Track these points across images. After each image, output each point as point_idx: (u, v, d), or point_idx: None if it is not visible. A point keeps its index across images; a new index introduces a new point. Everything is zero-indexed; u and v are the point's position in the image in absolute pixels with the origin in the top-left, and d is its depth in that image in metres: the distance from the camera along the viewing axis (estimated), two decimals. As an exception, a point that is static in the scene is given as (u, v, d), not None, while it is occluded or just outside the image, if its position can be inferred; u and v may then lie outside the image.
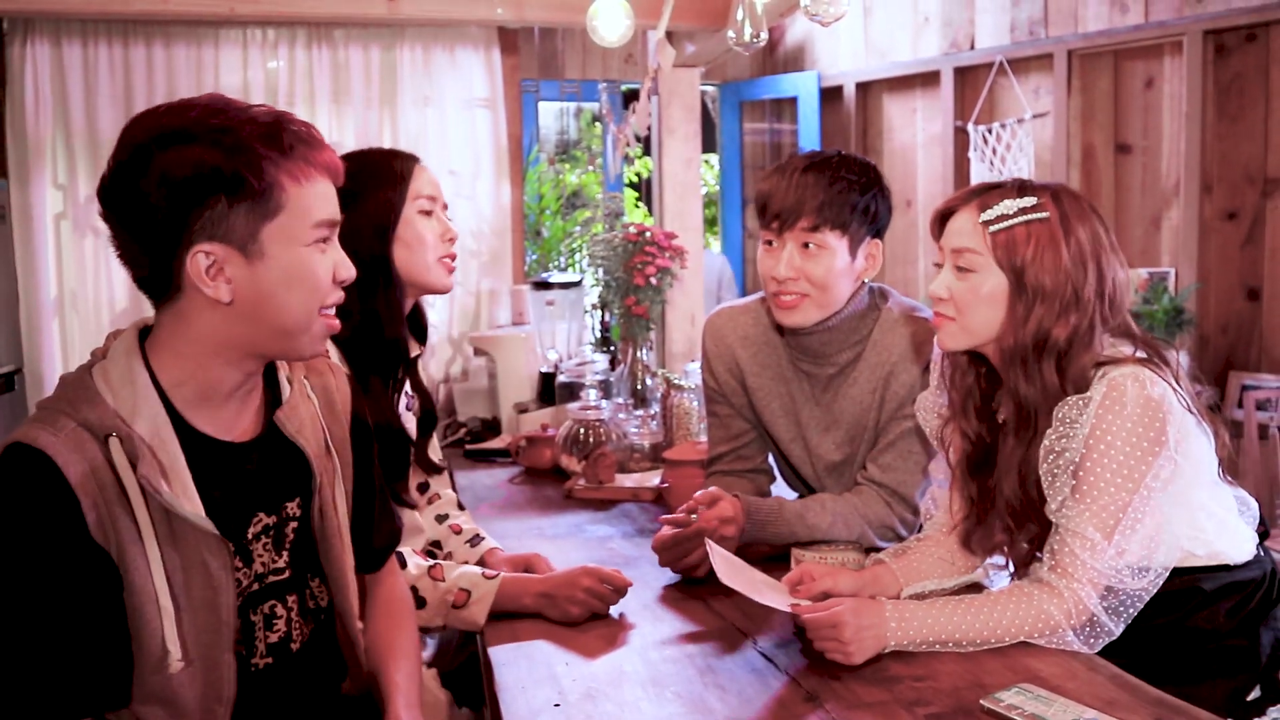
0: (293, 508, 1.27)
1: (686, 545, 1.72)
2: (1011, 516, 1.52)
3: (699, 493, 1.78)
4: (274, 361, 1.26)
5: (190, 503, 1.13)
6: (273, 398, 1.27)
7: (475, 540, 1.89)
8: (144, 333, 1.19)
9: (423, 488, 1.95)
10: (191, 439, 1.16)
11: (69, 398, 1.12)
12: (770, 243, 1.80)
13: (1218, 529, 1.53)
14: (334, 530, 1.30)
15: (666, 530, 1.75)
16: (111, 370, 1.14)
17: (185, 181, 1.08)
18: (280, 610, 1.26)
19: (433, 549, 1.90)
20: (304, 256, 1.15)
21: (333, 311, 1.21)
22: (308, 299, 1.16)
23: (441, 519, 1.94)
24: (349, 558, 1.33)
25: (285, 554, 1.26)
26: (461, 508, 2.00)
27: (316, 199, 1.16)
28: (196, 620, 1.14)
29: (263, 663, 1.24)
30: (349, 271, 1.21)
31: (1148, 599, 1.44)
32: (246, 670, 1.22)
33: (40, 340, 3.66)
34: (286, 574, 1.27)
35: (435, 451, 1.99)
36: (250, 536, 1.22)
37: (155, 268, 1.13)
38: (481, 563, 1.82)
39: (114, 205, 1.12)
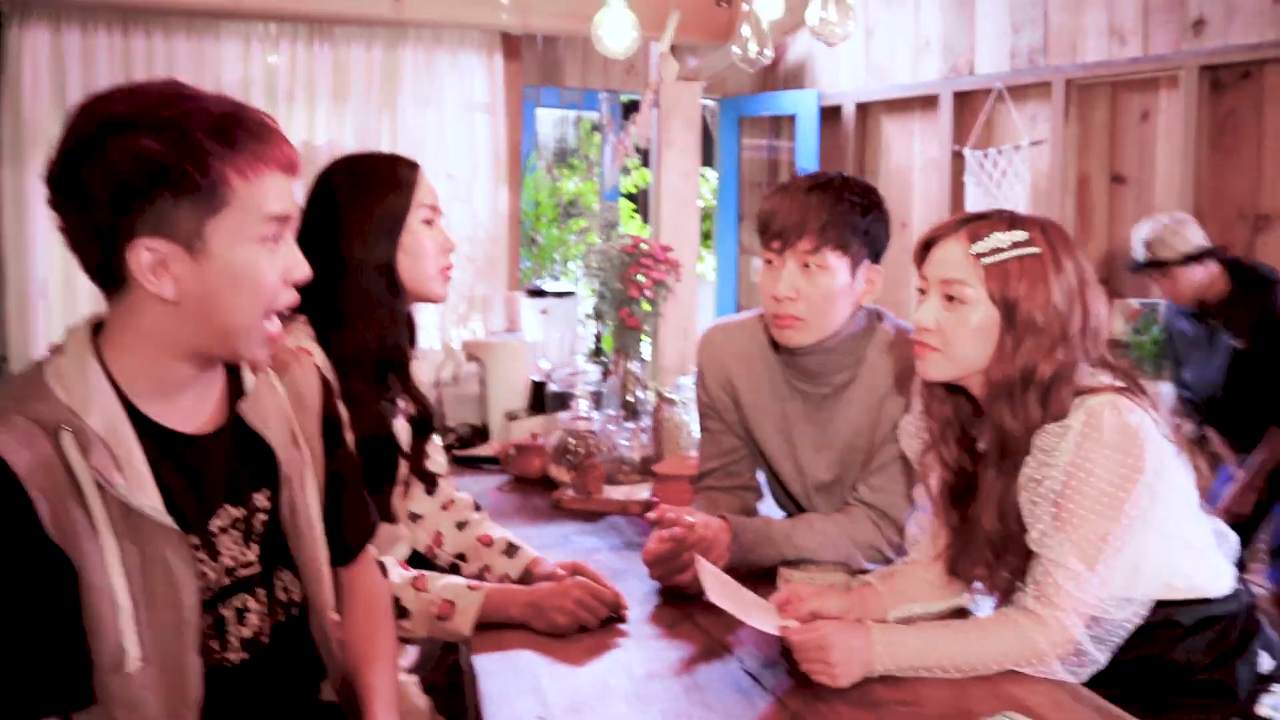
0: (261, 499, 1.24)
1: (679, 560, 1.72)
2: (991, 549, 1.51)
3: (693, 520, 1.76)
4: None
5: (147, 495, 1.10)
6: (236, 388, 1.24)
7: (511, 550, 1.83)
8: (99, 327, 1.16)
9: (431, 489, 1.91)
10: (149, 431, 1.13)
11: (17, 394, 1.10)
12: (770, 261, 1.81)
13: (1195, 561, 1.54)
14: (305, 523, 1.28)
15: (656, 543, 1.75)
16: (64, 365, 1.11)
17: (128, 174, 1.05)
18: (252, 604, 1.23)
19: (458, 561, 1.86)
20: (250, 254, 1.12)
21: (275, 321, 1.17)
22: (253, 299, 1.13)
23: (462, 526, 1.90)
24: (321, 551, 1.31)
25: (256, 547, 1.24)
26: (478, 509, 1.95)
27: (266, 194, 1.12)
28: (157, 618, 1.11)
29: (236, 658, 1.21)
30: (303, 271, 1.18)
31: (1132, 629, 1.44)
32: (220, 668, 1.19)
33: (27, 327, 3.64)
34: (257, 568, 1.24)
35: (438, 453, 1.94)
36: (215, 530, 1.19)
37: (100, 260, 1.10)
38: (525, 575, 1.77)
39: (59, 193, 1.09)
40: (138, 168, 1.05)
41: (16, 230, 3.66)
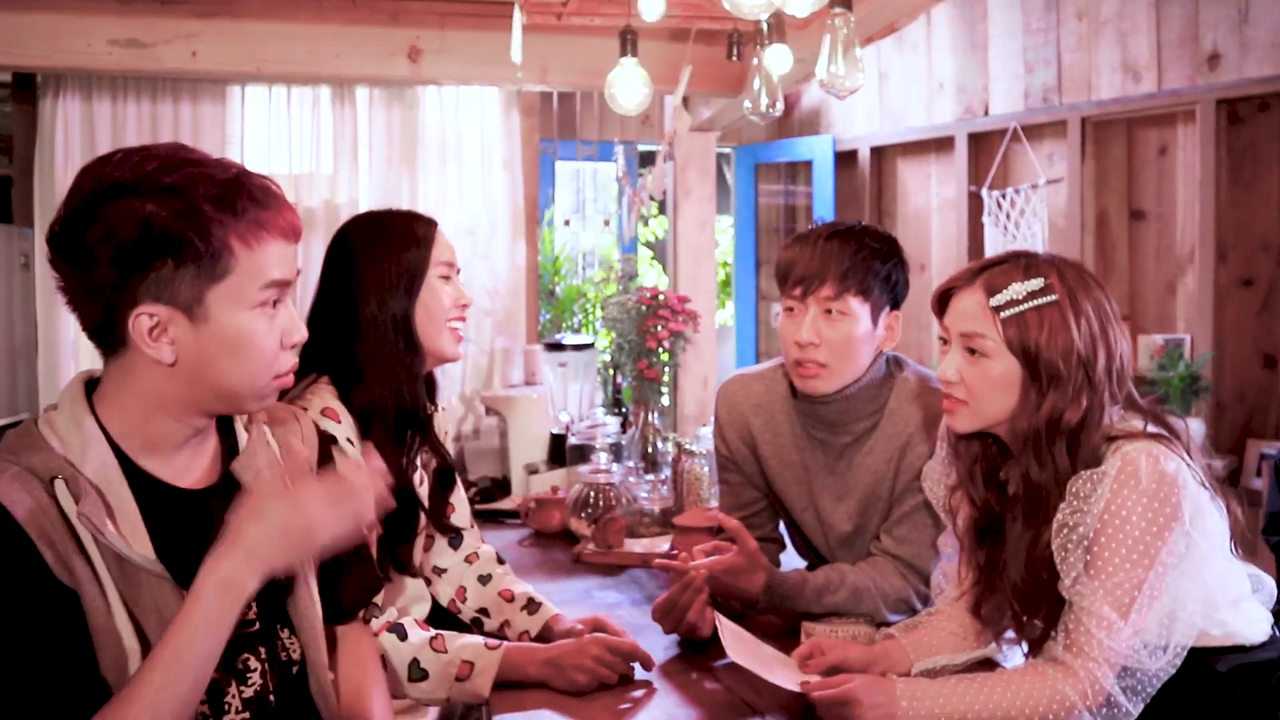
0: None
1: (683, 605, 1.70)
2: (1019, 600, 1.49)
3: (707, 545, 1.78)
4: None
5: (140, 544, 1.10)
6: (231, 445, 1.25)
7: (532, 606, 1.82)
8: (92, 385, 1.17)
9: (454, 542, 1.92)
10: (144, 484, 1.14)
11: (12, 446, 1.10)
12: (792, 309, 1.81)
13: (1232, 607, 1.51)
14: (301, 581, 1.27)
15: (663, 596, 1.75)
16: (57, 419, 1.13)
17: (131, 240, 1.06)
18: (254, 663, 1.22)
19: (480, 616, 1.86)
20: (249, 321, 1.13)
21: (289, 376, 1.19)
22: (252, 366, 1.14)
23: (485, 580, 1.89)
24: (316, 609, 1.30)
25: (254, 604, 1.22)
26: (501, 562, 1.95)
27: (268, 261, 1.13)
28: None
29: (239, 719, 1.19)
30: (300, 335, 1.19)
31: (1166, 678, 1.41)
32: None
33: (58, 387, 3.68)
34: (256, 625, 1.23)
35: (462, 506, 1.94)
36: None
37: (100, 322, 1.11)
38: (545, 632, 1.75)
39: (61, 254, 1.10)
40: (141, 234, 1.07)
41: (46, 291, 3.72)
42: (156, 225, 1.07)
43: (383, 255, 1.68)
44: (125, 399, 1.15)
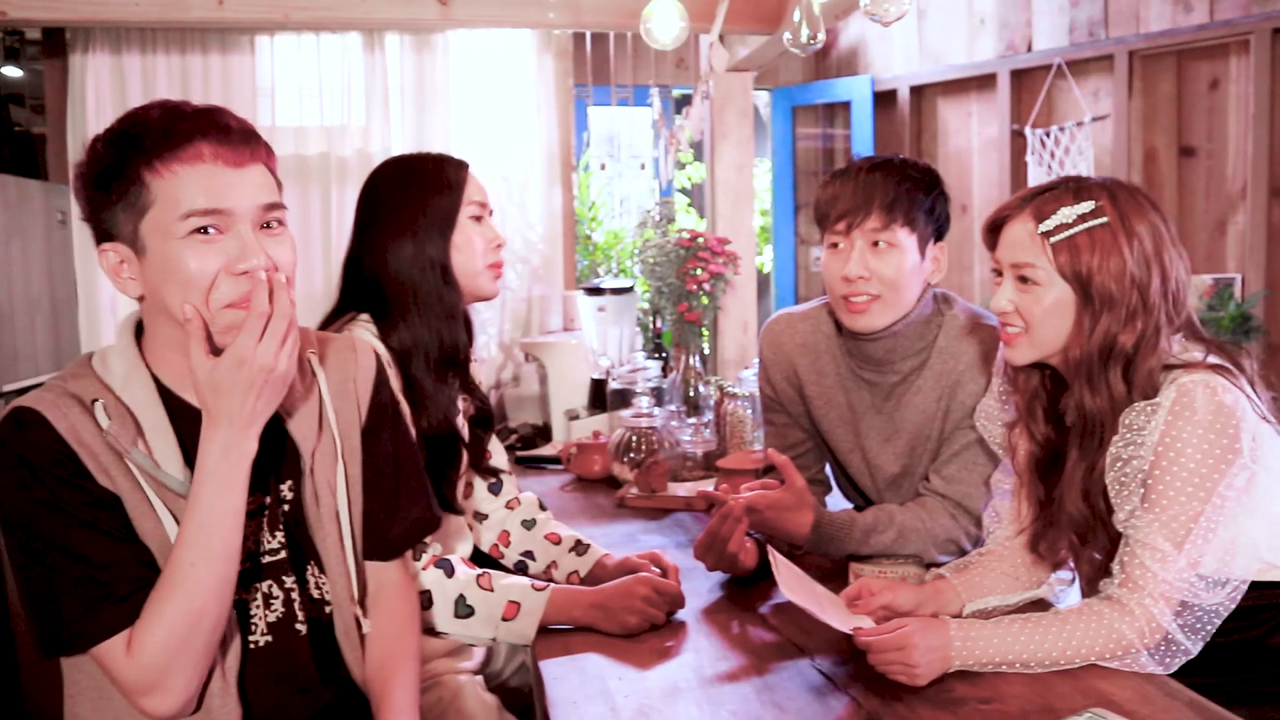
0: (286, 489, 1.28)
1: (723, 537, 1.68)
2: (1076, 531, 1.47)
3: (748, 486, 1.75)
4: None
5: (169, 465, 1.17)
6: None
7: (580, 548, 1.82)
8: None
9: (495, 488, 1.93)
10: (187, 413, 1.20)
11: (65, 374, 1.20)
12: (837, 245, 1.76)
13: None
14: (330, 514, 1.29)
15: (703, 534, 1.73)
16: (108, 352, 1.22)
17: (89, 185, 1.17)
18: (277, 591, 1.26)
19: (525, 559, 1.87)
20: (179, 249, 1.14)
21: (246, 302, 1.15)
22: (192, 295, 1.14)
23: (529, 524, 1.90)
24: (344, 543, 1.31)
25: (280, 534, 1.27)
26: (543, 508, 1.95)
27: (185, 191, 1.13)
28: None
29: (263, 640, 1.25)
30: (248, 261, 1.14)
31: (1225, 614, 1.38)
32: (245, 648, 1.23)
33: (98, 342, 3.72)
34: (283, 554, 1.27)
35: (499, 452, 1.96)
36: None
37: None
38: (596, 571, 1.75)
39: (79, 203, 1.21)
40: (90, 178, 1.16)
41: (86, 248, 3.74)
42: (97, 168, 1.15)
43: (414, 199, 1.70)
44: (147, 337, 1.23)
